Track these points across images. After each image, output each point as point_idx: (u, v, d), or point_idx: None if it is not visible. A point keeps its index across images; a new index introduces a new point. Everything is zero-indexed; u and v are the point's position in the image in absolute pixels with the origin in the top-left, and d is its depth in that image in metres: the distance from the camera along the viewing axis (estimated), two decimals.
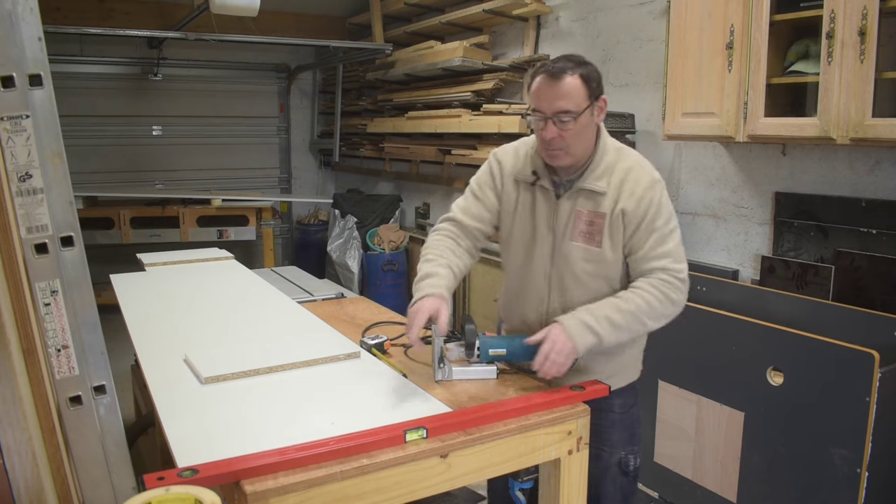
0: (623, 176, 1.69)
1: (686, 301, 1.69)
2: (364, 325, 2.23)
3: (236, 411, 1.54)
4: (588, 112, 1.63)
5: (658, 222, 1.67)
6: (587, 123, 1.65)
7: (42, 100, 1.46)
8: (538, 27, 4.18)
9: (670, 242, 1.68)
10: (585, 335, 1.59)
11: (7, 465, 1.43)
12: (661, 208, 1.68)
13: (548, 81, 1.62)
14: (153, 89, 6.10)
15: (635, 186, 1.68)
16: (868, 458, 1.99)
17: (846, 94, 2.23)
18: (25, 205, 1.45)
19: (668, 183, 3.38)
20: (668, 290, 1.65)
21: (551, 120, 1.61)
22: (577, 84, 1.61)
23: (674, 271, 1.66)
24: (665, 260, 1.66)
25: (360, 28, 6.17)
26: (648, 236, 1.67)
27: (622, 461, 1.82)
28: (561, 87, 1.60)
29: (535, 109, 1.65)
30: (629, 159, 1.72)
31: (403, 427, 1.41)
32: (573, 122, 1.61)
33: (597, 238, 1.69)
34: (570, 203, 1.72)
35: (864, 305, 2.45)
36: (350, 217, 5.61)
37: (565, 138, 1.62)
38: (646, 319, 1.64)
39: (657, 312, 1.65)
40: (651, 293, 1.64)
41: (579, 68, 1.62)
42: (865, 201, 2.55)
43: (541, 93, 1.63)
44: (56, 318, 1.51)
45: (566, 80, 1.60)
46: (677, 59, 2.81)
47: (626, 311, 1.62)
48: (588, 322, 1.60)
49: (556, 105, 1.61)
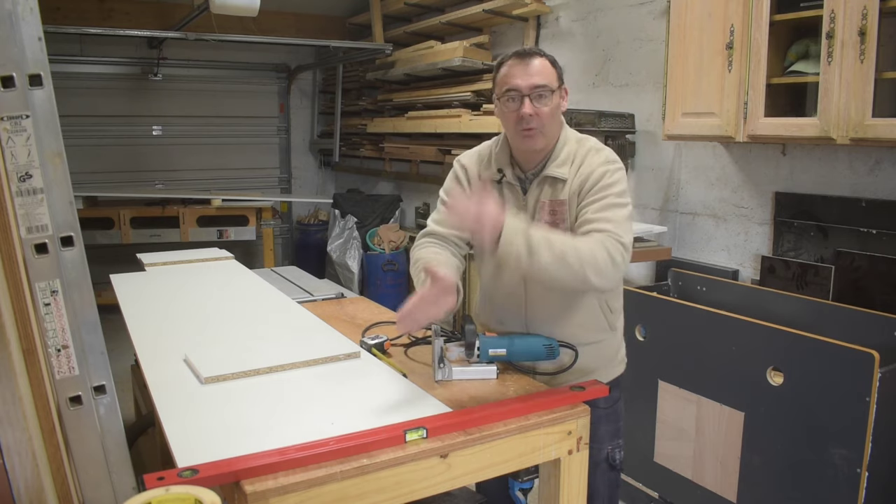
0: (581, 160, 1.72)
1: (622, 269, 1.59)
2: (364, 325, 2.23)
3: (236, 411, 1.53)
4: (558, 93, 1.69)
5: (606, 192, 1.64)
6: (558, 105, 1.70)
7: (42, 100, 1.46)
8: (538, 27, 4.18)
9: (618, 212, 1.62)
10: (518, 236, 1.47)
11: (7, 465, 1.43)
12: (612, 183, 1.66)
13: (520, 61, 1.67)
14: (153, 89, 6.10)
15: (590, 164, 1.70)
16: (868, 458, 1.99)
17: (846, 94, 2.23)
18: (25, 205, 1.45)
19: (669, 183, 3.38)
20: (610, 248, 1.55)
21: (528, 97, 1.65)
22: (547, 64, 1.68)
23: (617, 234, 1.58)
24: (607, 224, 1.60)
25: (360, 28, 6.17)
26: (595, 202, 1.64)
27: (609, 455, 1.85)
28: (534, 66, 1.66)
29: (510, 89, 1.67)
30: (588, 144, 1.75)
31: (403, 427, 1.41)
32: (549, 98, 1.66)
33: (561, 227, 1.70)
34: (534, 195, 1.74)
35: (864, 305, 2.45)
36: (350, 217, 5.61)
37: (541, 116, 1.65)
38: (580, 261, 1.50)
39: (597, 264, 1.52)
40: (594, 244, 1.55)
41: (546, 54, 1.70)
42: (865, 201, 2.55)
43: (515, 72, 1.67)
44: (56, 318, 1.51)
45: (537, 60, 1.67)
46: (677, 59, 2.81)
47: (565, 241, 1.52)
48: (527, 231, 1.48)
49: (532, 80, 1.64)
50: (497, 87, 1.73)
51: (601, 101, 3.71)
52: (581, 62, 3.87)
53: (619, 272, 1.59)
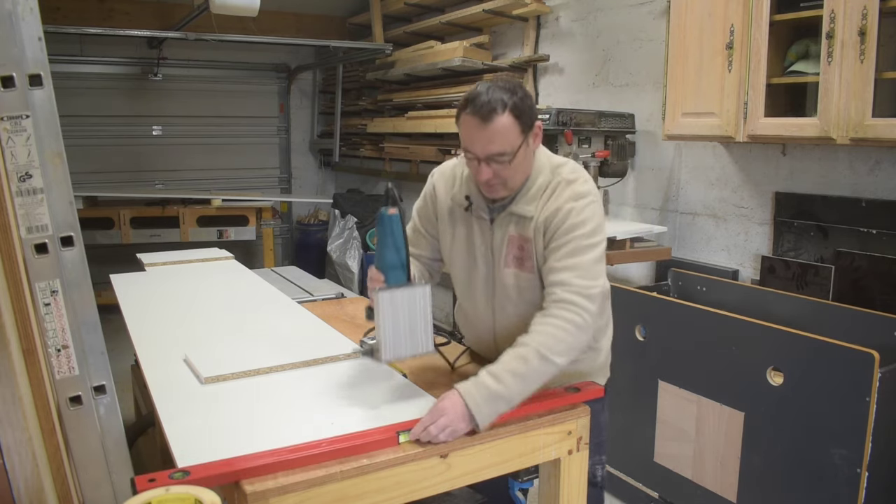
0: (551, 193, 1.61)
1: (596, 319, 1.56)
2: (364, 325, 2.22)
3: (236, 411, 1.54)
4: (523, 147, 1.55)
5: (573, 233, 1.55)
6: (523, 157, 1.57)
7: (42, 100, 1.46)
8: (538, 27, 4.18)
9: (583, 256, 1.54)
10: (490, 403, 1.44)
11: (7, 465, 1.43)
12: (581, 220, 1.56)
13: (478, 124, 1.51)
14: (153, 89, 6.10)
15: (556, 200, 1.59)
16: (868, 458, 1.99)
17: (846, 94, 2.23)
18: (25, 205, 1.45)
19: (669, 183, 3.38)
20: (568, 315, 1.50)
21: (484, 162, 1.54)
22: (508, 122, 1.51)
23: (577, 287, 1.52)
24: (570, 273, 1.53)
25: (360, 28, 6.17)
26: (560, 248, 1.56)
27: (590, 472, 1.75)
28: (492, 129, 1.50)
29: (467, 150, 1.56)
30: (561, 174, 1.63)
31: (397, 428, 1.41)
32: (509, 158, 1.53)
33: (527, 263, 1.63)
34: (501, 230, 1.65)
35: (864, 305, 2.45)
36: (350, 217, 5.61)
37: (501, 175, 1.56)
38: (551, 356, 1.47)
39: (563, 344, 1.49)
40: (550, 324, 1.50)
41: (509, 102, 1.50)
42: (865, 201, 2.55)
43: (471, 135, 1.53)
44: (56, 318, 1.51)
45: (497, 121, 1.50)
46: (677, 59, 2.81)
47: (527, 355, 1.47)
48: (489, 386, 1.45)
49: (488, 149, 1.52)
50: (459, 134, 1.59)
51: (601, 101, 3.71)
52: (581, 62, 3.87)
53: (586, 332, 1.53)
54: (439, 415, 1.41)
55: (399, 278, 1.54)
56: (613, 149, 3.34)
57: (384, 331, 1.51)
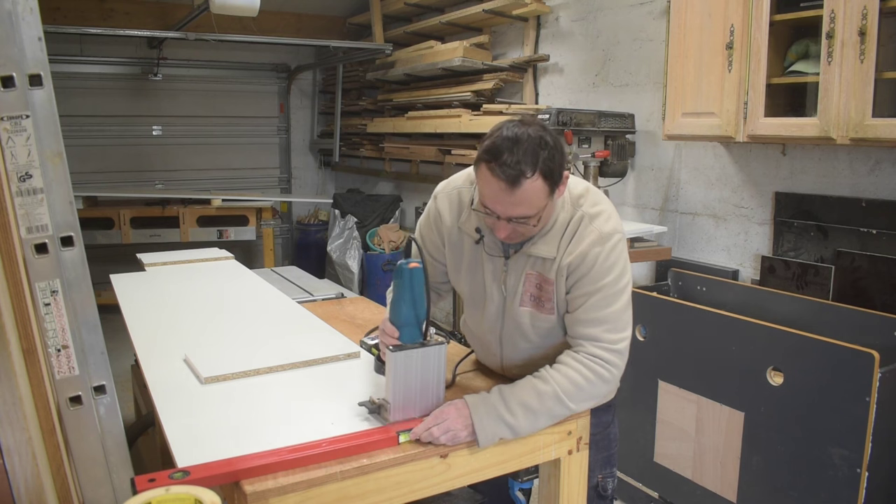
0: (573, 231, 1.49)
1: (622, 372, 1.51)
2: (364, 325, 2.23)
3: (236, 411, 1.54)
4: (549, 204, 1.43)
5: (602, 282, 1.46)
6: (549, 212, 1.46)
7: (42, 100, 1.46)
8: (538, 27, 4.18)
9: (612, 306, 1.47)
10: (495, 425, 1.42)
11: (7, 465, 1.43)
12: (608, 266, 1.47)
13: (504, 188, 1.35)
14: (153, 89, 6.10)
15: (581, 241, 1.48)
16: (868, 458, 1.99)
17: (846, 94, 2.23)
18: (25, 205, 1.45)
19: (669, 183, 3.38)
20: (597, 367, 1.46)
21: (505, 220, 1.42)
22: (538, 186, 1.36)
23: (606, 343, 1.46)
24: (599, 328, 1.47)
25: (360, 28, 6.17)
26: (588, 297, 1.47)
27: (600, 485, 1.75)
28: (519, 195, 1.36)
29: (488, 208, 1.41)
30: (582, 208, 1.51)
31: (397, 428, 1.41)
32: (532, 220, 1.42)
33: (547, 305, 1.53)
34: (517, 266, 1.55)
35: (864, 305, 2.45)
36: (350, 217, 5.61)
37: (521, 232, 1.46)
38: (569, 402, 1.44)
39: (584, 394, 1.45)
40: (577, 371, 1.45)
41: (540, 163, 1.34)
42: (865, 201, 2.55)
43: (494, 196, 1.38)
44: (56, 318, 1.51)
45: (525, 186, 1.35)
46: (677, 59, 2.81)
47: (545, 392, 1.44)
48: (499, 411, 1.42)
49: (513, 211, 1.39)
50: (477, 183, 1.44)
51: (601, 101, 3.71)
52: (581, 62, 3.87)
53: (609, 386, 1.49)
54: (444, 418, 1.41)
55: (414, 336, 1.46)
56: (613, 149, 3.34)
57: (395, 393, 1.44)
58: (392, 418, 1.45)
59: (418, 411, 1.47)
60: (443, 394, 1.51)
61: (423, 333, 1.48)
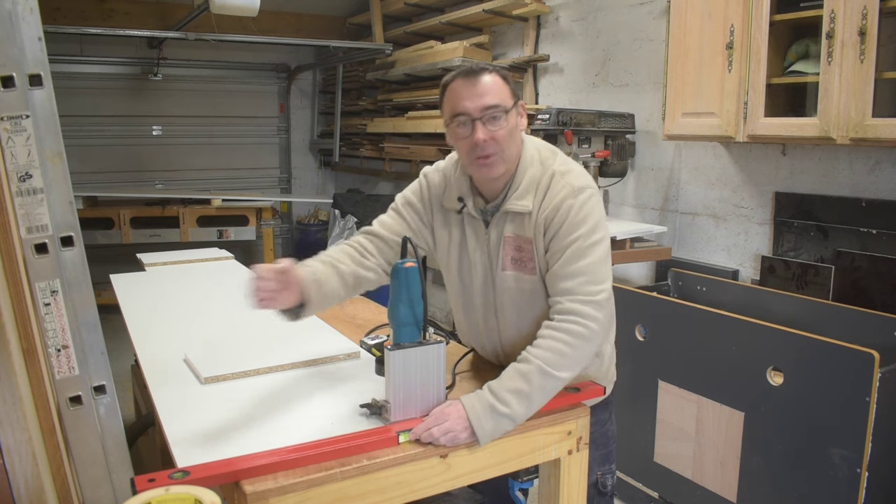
0: (546, 186, 1.55)
1: (604, 326, 1.50)
2: (364, 325, 2.22)
3: (236, 411, 1.53)
4: (514, 111, 1.53)
5: (575, 233, 1.50)
6: (515, 124, 1.54)
7: (42, 100, 1.46)
8: (538, 27, 4.18)
9: (587, 258, 1.49)
10: (493, 420, 1.42)
11: (7, 465, 1.43)
12: (581, 218, 1.50)
13: (467, 81, 1.50)
14: (153, 89, 6.10)
15: (554, 195, 1.53)
16: (868, 458, 1.99)
17: (846, 94, 2.23)
18: (25, 205, 1.45)
19: (669, 183, 3.38)
20: (574, 328, 1.45)
21: (479, 121, 1.49)
22: (498, 80, 1.51)
23: (583, 295, 1.47)
24: (575, 280, 1.48)
25: (360, 28, 6.17)
26: (563, 251, 1.50)
27: (599, 482, 1.75)
28: (483, 84, 1.49)
29: (459, 114, 1.50)
30: (552, 166, 1.57)
31: (397, 428, 1.41)
32: (503, 118, 1.50)
33: (529, 265, 1.56)
34: (497, 230, 1.59)
35: (864, 305, 2.45)
36: (350, 217, 5.61)
37: (498, 140, 1.50)
38: (555, 372, 1.44)
39: (569, 359, 1.45)
40: (555, 338, 1.46)
41: (493, 69, 1.52)
42: (865, 201, 2.55)
43: (462, 93, 1.50)
44: (56, 318, 1.51)
45: (487, 77, 1.50)
46: (677, 59, 2.81)
47: (529, 372, 1.44)
48: (492, 404, 1.42)
49: (482, 101, 1.48)
50: (444, 111, 1.56)
51: (601, 101, 3.71)
52: (581, 62, 3.87)
53: (593, 342, 1.49)
54: (444, 419, 1.41)
55: (412, 336, 1.46)
56: (613, 149, 3.34)
57: (394, 393, 1.44)
58: (392, 418, 1.45)
59: (418, 411, 1.47)
60: (443, 393, 1.51)
61: (422, 333, 1.48)
